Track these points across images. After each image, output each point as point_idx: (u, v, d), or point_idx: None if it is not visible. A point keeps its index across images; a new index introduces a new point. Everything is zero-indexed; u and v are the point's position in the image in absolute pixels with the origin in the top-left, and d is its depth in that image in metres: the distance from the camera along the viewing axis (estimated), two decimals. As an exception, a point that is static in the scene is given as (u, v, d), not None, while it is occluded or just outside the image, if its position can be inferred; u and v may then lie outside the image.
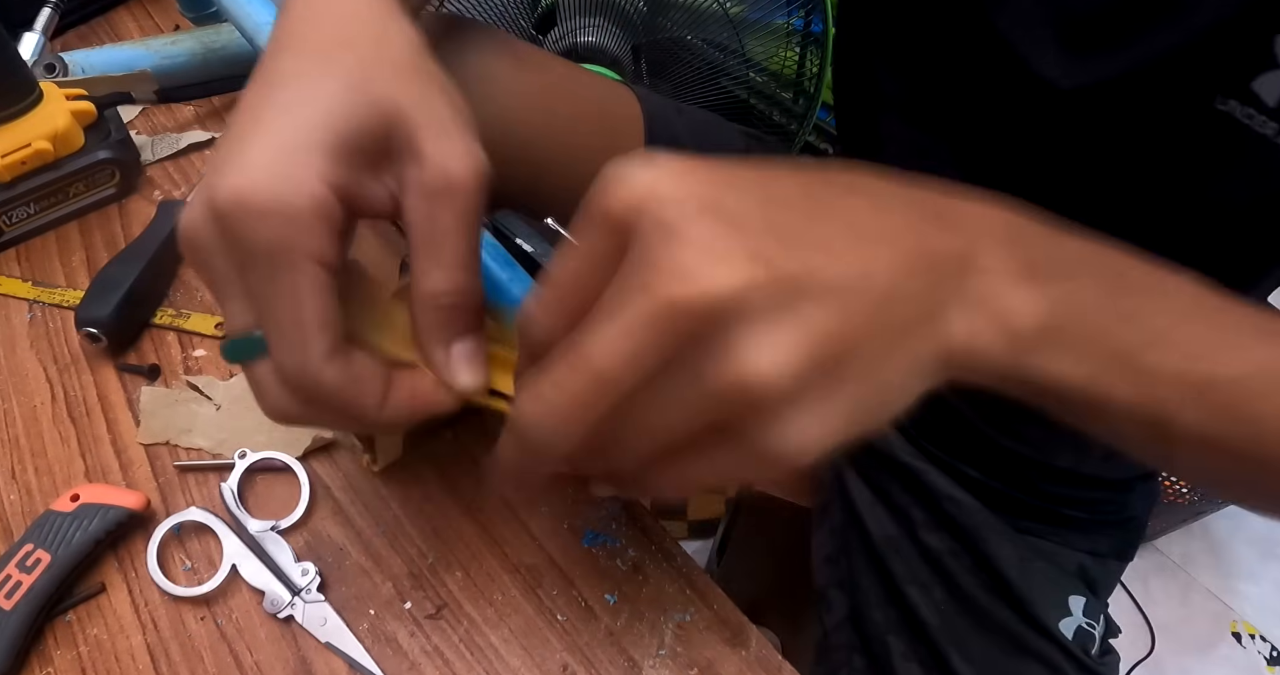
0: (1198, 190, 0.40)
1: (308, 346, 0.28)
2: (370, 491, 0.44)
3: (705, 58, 0.95)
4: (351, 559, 0.42)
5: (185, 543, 0.43)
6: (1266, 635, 1.17)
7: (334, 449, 0.46)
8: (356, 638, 0.39)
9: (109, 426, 0.48)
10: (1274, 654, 1.16)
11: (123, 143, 0.58)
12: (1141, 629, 1.17)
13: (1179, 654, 1.15)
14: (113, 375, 0.50)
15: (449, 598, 0.41)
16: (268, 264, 0.27)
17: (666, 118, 0.59)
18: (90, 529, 0.41)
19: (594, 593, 0.41)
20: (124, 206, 0.59)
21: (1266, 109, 0.34)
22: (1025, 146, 0.45)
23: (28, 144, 0.53)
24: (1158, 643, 1.15)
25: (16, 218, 0.56)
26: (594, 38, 0.89)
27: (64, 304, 0.53)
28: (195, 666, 0.39)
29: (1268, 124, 0.34)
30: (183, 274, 0.55)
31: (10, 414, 0.49)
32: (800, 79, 0.97)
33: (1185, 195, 0.41)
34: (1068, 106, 0.41)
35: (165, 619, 0.41)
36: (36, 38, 0.65)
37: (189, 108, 0.66)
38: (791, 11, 0.92)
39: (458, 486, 0.44)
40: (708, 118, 0.63)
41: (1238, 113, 0.35)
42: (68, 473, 0.46)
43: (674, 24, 0.93)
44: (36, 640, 0.40)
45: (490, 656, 0.39)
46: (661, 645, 0.39)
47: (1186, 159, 0.39)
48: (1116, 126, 0.40)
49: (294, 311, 0.27)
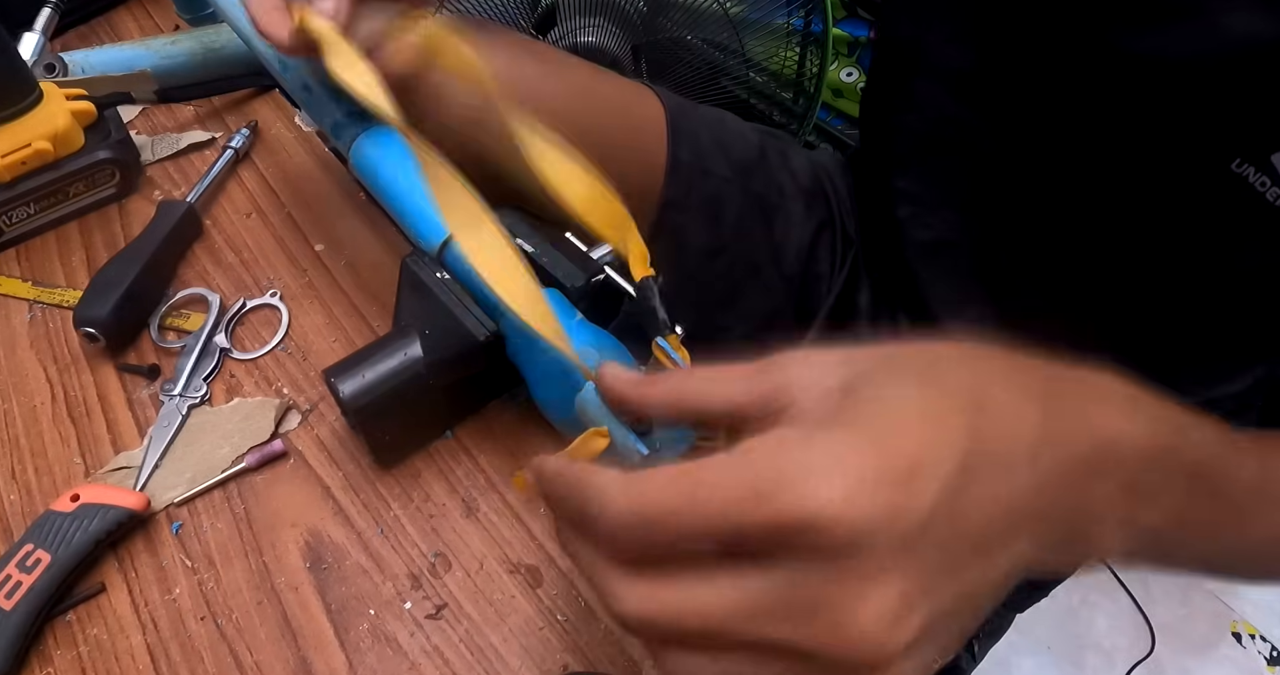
0: (1210, 249, 0.41)
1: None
2: (370, 491, 0.44)
3: (705, 58, 0.95)
4: (351, 559, 0.42)
5: (185, 542, 0.43)
6: (1266, 635, 1.17)
7: (335, 448, 0.46)
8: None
9: (109, 426, 0.48)
10: (1274, 654, 1.16)
11: (123, 143, 0.58)
12: (1141, 629, 1.17)
13: (1179, 654, 1.15)
14: (113, 375, 0.50)
15: (449, 598, 0.41)
16: None
17: (687, 115, 0.59)
18: (90, 529, 0.41)
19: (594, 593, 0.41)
20: (124, 206, 0.59)
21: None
22: (1065, 138, 0.45)
23: (28, 144, 0.53)
24: (1158, 643, 1.15)
25: (16, 218, 0.56)
26: (594, 38, 0.89)
27: (64, 304, 0.53)
28: (195, 666, 0.39)
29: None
30: (183, 274, 0.55)
31: (10, 414, 0.49)
32: (800, 79, 0.97)
33: (1197, 250, 0.41)
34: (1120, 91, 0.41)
35: (165, 619, 0.41)
36: (36, 38, 0.65)
37: (189, 108, 0.66)
38: (791, 11, 0.92)
39: (458, 486, 0.44)
40: (722, 115, 0.63)
41: (1251, 177, 0.36)
42: (68, 473, 0.46)
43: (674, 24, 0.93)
44: (36, 640, 0.40)
45: (490, 656, 0.39)
46: (661, 645, 0.39)
47: (1199, 215, 0.40)
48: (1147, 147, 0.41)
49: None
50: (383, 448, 0.44)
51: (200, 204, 0.58)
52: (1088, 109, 0.43)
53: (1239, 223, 0.38)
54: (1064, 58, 0.42)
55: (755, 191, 0.60)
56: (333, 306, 0.52)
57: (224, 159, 0.60)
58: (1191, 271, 0.43)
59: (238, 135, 0.61)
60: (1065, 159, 0.45)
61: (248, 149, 0.62)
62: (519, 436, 0.46)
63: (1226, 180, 0.37)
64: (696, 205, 0.58)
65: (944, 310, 0.55)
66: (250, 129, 0.62)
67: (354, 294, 0.53)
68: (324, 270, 0.54)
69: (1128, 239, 0.44)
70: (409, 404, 0.42)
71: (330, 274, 0.54)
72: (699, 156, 0.58)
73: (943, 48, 0.50)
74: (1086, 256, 0.47)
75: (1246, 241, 0.39)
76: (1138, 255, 0.44)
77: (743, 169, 0.60)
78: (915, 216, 0.55)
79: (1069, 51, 0.42)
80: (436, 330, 0.41)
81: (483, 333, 0.40)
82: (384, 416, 0.42)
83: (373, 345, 0.42)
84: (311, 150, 0.62)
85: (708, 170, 0.58)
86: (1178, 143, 0.39)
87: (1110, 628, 1.18)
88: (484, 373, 0.43)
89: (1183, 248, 0.42)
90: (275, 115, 0.65)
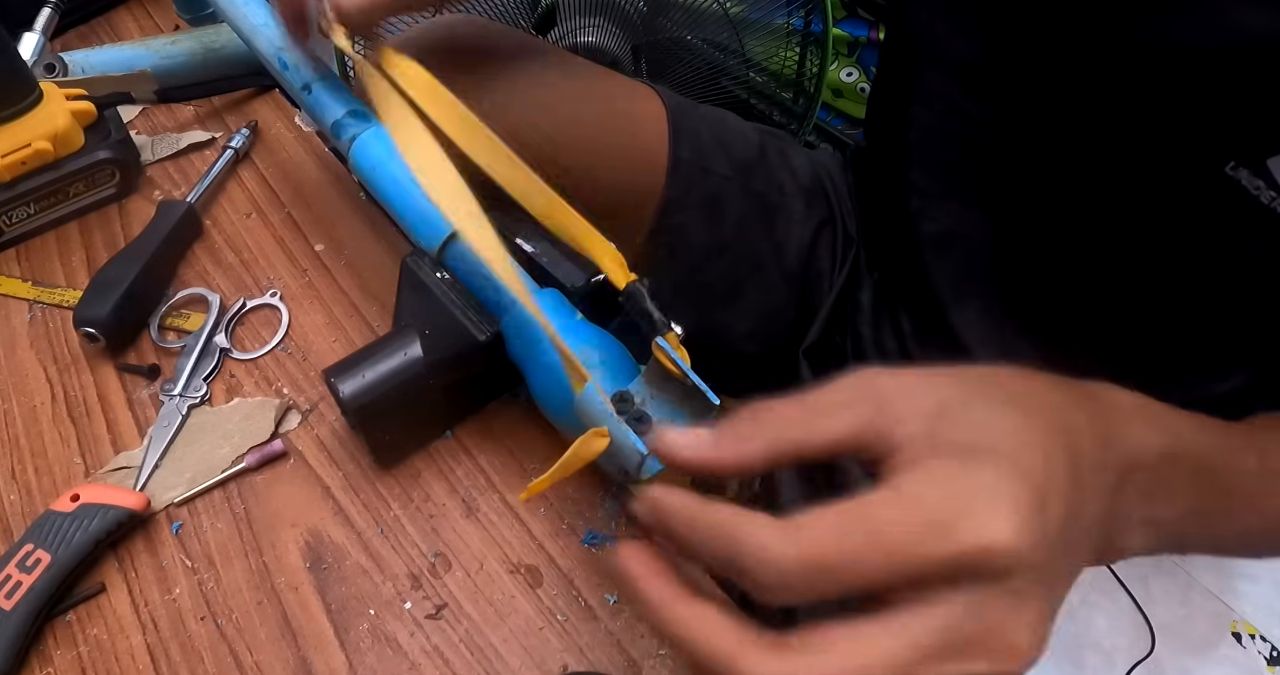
0: (1203, 246, 0.41)
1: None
2: (370, 491, 0.44)
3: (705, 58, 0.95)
4: (351, 559, 0.42)
5: (185, 542, 0.43)
6: (1266, 635, 1.17)
7: (335, 448, 0.46)
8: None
9: (109, 426, 0.48)
10: (1274, 654, 1.15)
11: (123, 143, 0.58)
12: (1141, 629, 1.17)
13: (1179, 654, 1.15)
14: (113, 375, 0.50)
15: (449, 598, 0.41)
16: None
17: (687, 114, 0.59)
18: (90, 529, 0.41)
19: (594, 593, 0.40)
20: (124, 206, 0.59)
21: (1276, 185, 0.36)
22: (1067, 131, 0.45)
23: (28, 144, 0.53)
24: (1158, 643, 1.15)
25: (16, 218, 0.56)
26: (594, 38, 0.89)
27: (64, 304, 0.53)
28: (195, 666, 0.39)
29: (1276, 200, 0.36)
30: (183, 274, 0.55)
31: (10, 414, 0.49)
32: (800, 79, 0.97)
33: (1191, 247, 0.42)
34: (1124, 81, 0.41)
35: (165, 619, 0.41)
36: (36, 38, 0.65)
37: (189, 108, 0.66)
38: (791, 11, 0.92)
39: (458, 486, 0.44)
40: (722, 114, 0.63)
41: (1245, 180, 0.36)
42: (68, 473, 0.46)
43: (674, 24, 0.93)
44: (36, 640, 0.40)
45: (490, 656, 0.39)
46: (661, 645, 0.39)
47: (1193, 213, 0.41)
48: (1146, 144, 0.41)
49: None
50: (383, 448, 0.44)
51: (200, 204, 0.58)
52: (1090, 99, 0.43)
53: (1232, 223, 0.39)
54: (1070, 47, 0.43)
55: (756, 190, 0.60)
56: (333, 306, 0.52)
57: (224, 159, 0.60)
58: (1185, 267, 0.43)
59: (238, 135, 0.61)
60: (1067, 152, 0.45)
61: (248, 149, 0.62)
62: (519, 436, 0.46)
63: (1220, 182, 0.37)
64: (697, 204, 0.58)
65: (946, 305, 0.55)
66: (250, 129, 0.62)
67: (354, 294, 0.53)
68: (324, 270, 0.54)
69: (1126, 233, 0.44)
70: (409, 404, 0.42)
71: (330, 274, 0.54)
72: (700, 155, 0.58)
73: (951, 39, 0.50)
74: (1087, 249, 0.47)
75: (1239, 241, 0.39)
76: (1135, 250, 0.44)
77: (743, 168, 0.60)
78: (922, 210, 0.55)
79: (1075, 40, 0.42)
80: (436, 330, 0.41)
81: (483, 333, 0.40)
82: (384, 416, 0.42)
83: (373, 345, 0.42)
84: (311, 150, 0.62)
85: (709, 169, 0.58)
86: (1176, 141, 0.39)
87: (1110, 628, 1.18)
88: (484, 373, 0.43)
89: (1177, 243, 0.42)
90: (275, 115, 0.65)
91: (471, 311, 0.41)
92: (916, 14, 0.52)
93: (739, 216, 0.59)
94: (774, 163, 0.62)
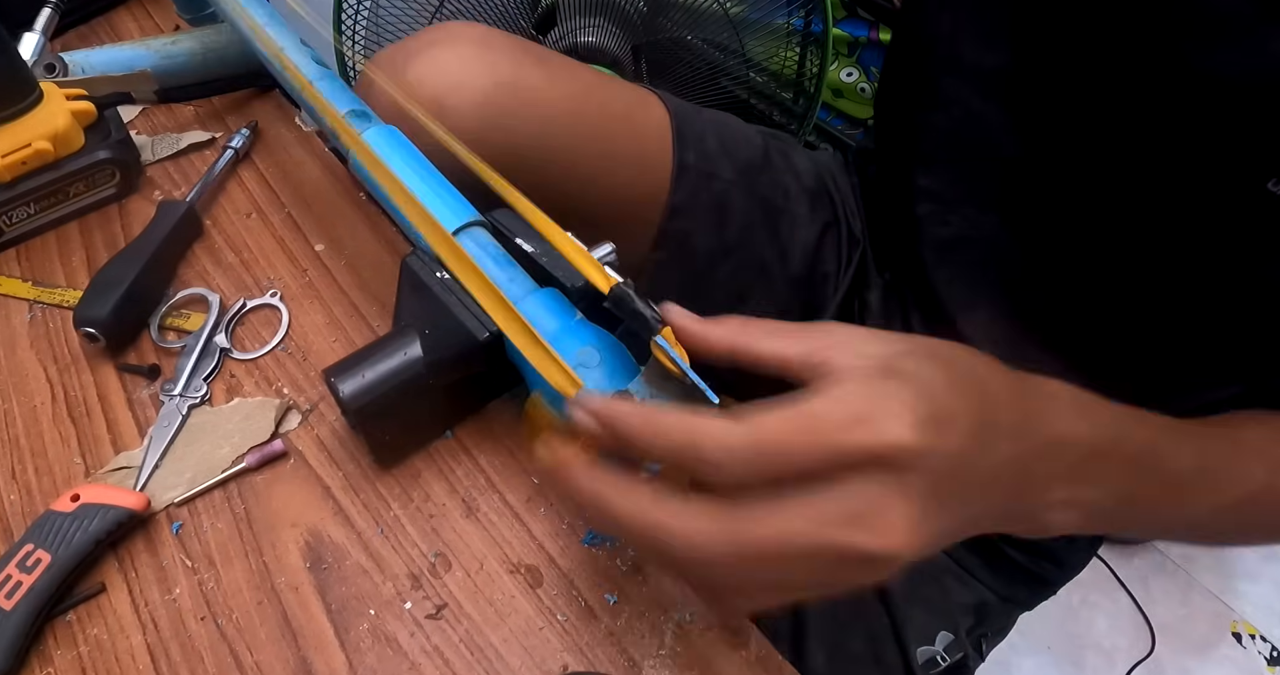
0: (1233, 261, 0.42)
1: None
2: (370, 491, 0.44)
3: (705, 58, 0.95)
4: (351, 559, 0.42)
5: (185, 542, 0.43)
6: (1266, 635, 1.17)
7: (335, 448, 0.46)
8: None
9: (109, 426, 0.48)
10: (1274, 654, 1.15)
11: (123, 143, 0.58)
12: (1141, 629, 1.17)
13: (1179, 654, 1.15)
14: (113, 375, 0.50)
15: (449, 598, 0.41)
16: None
17: (690, 119, 0.59)
18: (90, 529, 0.41)
19: (594, 593, 0.41)
20: (124, 206, 0.59)
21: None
22: (1097, 142, 0.45)
23: (28, 144, 0.54)
24: (1158, 643, 1.15)
25: (16, 218, 0.56)
26: (594, 38, 0.89)
27: (64, 304, 0.53)
28: (195, 666, 0.39)
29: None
30: (183, 274, 0.55)
31: (10, 414, 0.49)
32: (800, 79, 0.97)
33: (1219, 261, 0.42)
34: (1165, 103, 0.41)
35: (165, 619, 0.41)
36: (36, 38, 0.65)
37: (189, 108, 0.66)
38: (791, 11, 0.92)
39: (458, 486, 0.44)
40: (725, 118, 0.63)
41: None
42: (68, 473, 0.46)
43: (674, 24, 0.93)
44: (36, 640, 0.40)
45: (490, 656, 0.39)
46: (661, 645, 0.39)
47: (1228, 228, 0.41)
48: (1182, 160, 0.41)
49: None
50: (383, 448, 0.44)
51: (200, 204, 0.58)
52: (1123, 113, 0.42)
53: (1270, 238, 0.39)
54: (1107, 64, 0.42)
55: (760, 194, 0.60)
56: (333, 306, 0.52)
57: (224, 159, 0.60)
58: (1210, 278, 0.43)
59: (238, 135, 0.61)
60: (1094, 160, 0.45)
61: (248, 149, 0.62)
62: (519, 436, 0.46)
63: (1262, 198, 0.37)
64: (703, 209, 0.58)
65: (957, 307, 0.55)
66: (250, 129, 0.62)
67: (354, 294, 0.53)
68: (324, 270, 0.54)
69: (1152, 243, 0.44)
70: (409, 404, 0.42)
71: (330, 274, 0.54)
72: (705, 160, 0.58)
73: (973, 45, 0.50)
74: (1107, 256, 0.47)
75: (1275, 255, 0.40)
76: (1160, 260, 0.44)
77: (748, 172, 0.60)
78: (934, 214, 0.55)
79: (1114, 58, 0.42)
80: (436, 330, 0.41)
81: (483, 333, 0.40)
82: (384, 416, 0.42)
83: (373, 345, 0.42)
84: (311, 150, 0.62)
85: (713, 174, 0.58)
86: (1216, 158, 0.39)
87: (1110, 628, 1.18)
88: (484, 373, 0.43)
89: (1206, 255, 0.42)
90: (275, 115, 0.65)
91: (471, 311, 0.41)
92: (936, 19, 0.52)
93: (744, 220, 0.59)
94: (778, 166, 0.62)
